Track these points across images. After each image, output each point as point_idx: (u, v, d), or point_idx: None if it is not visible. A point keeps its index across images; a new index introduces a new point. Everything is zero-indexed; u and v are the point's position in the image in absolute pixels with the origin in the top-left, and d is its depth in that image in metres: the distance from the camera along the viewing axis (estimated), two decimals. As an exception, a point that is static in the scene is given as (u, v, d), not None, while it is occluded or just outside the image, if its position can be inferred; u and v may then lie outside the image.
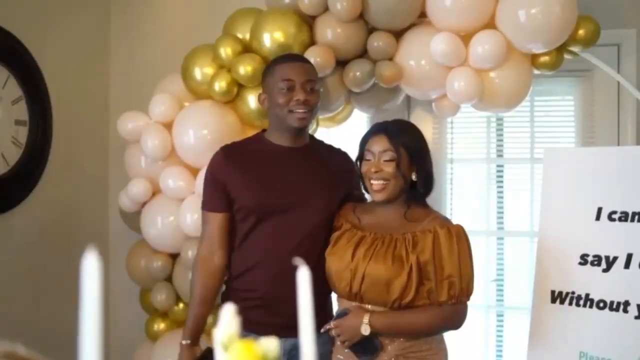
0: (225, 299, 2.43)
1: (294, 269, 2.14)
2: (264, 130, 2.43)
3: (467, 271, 2.06)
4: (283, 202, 2.27)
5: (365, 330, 2.05)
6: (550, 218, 2.45)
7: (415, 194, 2.16)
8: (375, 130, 2.18)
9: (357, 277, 2.09)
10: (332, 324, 2.13)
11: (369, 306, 2.11)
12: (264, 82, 2.35)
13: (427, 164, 2.16)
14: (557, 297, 2.39)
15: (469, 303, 2.12)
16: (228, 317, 0.78)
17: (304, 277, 0.84)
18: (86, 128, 3.40)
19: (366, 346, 2.09)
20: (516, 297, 3.37)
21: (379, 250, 2.09)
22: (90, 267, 0.65)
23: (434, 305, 2.06)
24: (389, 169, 2.10)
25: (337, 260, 2.16)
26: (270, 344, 0.77)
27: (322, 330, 2.08)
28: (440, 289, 2.04)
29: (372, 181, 2.13)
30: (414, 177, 2.14)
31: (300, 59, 2.37)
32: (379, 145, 2.13)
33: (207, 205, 2.36)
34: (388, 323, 2.07)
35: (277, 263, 2.24)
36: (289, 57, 2.36)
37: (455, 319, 2.11)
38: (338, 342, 2.16)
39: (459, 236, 2.07)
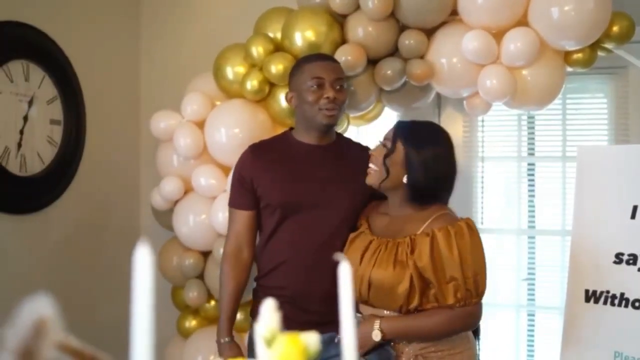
0: (255, 296, 2.45)
1: (321, 265, 2.17)
2: (291, 129, 2.45)
3: (473, 271, 1.98)
4: (309, 199, 2.28)
5: (377, 336, 2.02)
6: (584, 216, 2.43)
7: (414, 197, 2.10)
8: (396, 121, 2.19)
9: (364, 284, 2.08)
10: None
11: (385, 312, 2.10)
12: (292, 81, 2.36)
13: (420, 175, 2.06)
14: (592, 297, 2.37)
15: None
16: (269, 312, 0.79)
17: (345, 271, 0.84)
18: (118, 127, 3.44)
19: (380, 355, 2.08)
20: (548, 296, 3.35)
21: (382, 255, 2.07)
22: (142, 260, 0.66)
23: (443, 309, 2.01)
24: (378, 156, 2.10)
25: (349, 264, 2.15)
26: (311, 338, 0.77)
27: (335, 341, 2.08)
28: (446, 293, 1.98)
29: (370, 164, 2.16)
30: (404, 179, 2.08)
31: (328, 57, 2.38)
32: (386, 134, 2.14)
33: (234, 202, 2.38)
34: (398, 328, 2.05)
35: (305, 260, 2.26)
36: (317, 56, 2.38)
37: (468, 321, 2.05)
38: None
39: (460, 235, 1.99)
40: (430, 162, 2.06)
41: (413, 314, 2.04)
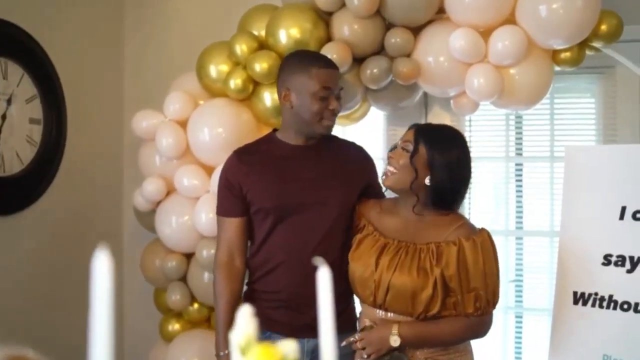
0: (247, 300, 2.39)
1: (315, 269, 2.11)
2: (274, 130, 2.41)
3: (493, 281, 2.02)
4: (301, 200, 2.24)
5: (395, 341, 2.01)
6: (572, 217, 2.39)
7: (436, 201, 2.08)
8: (412, 125, 2.16)
9: (382, 288, 2.05)
10: (356, 336, 2.09)
11: (391, 314, 2.08)
12: (292, 79, 2.24)
13: (443, 177, 2.04)
14: (580, 299, 2.34)
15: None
16: (245, 319, 0.75)
17: (324, 277, 0.80)
18: (100, 126, 3.38)
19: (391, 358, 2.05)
20: (535, 298, 3.32)
21: (403, 260, 2.04)
22: (102, 266, 0.62)
23: (460, 317, 2.02)
24: (402, 159, 2.07)
25: (360, 267, 2.12)
26: (290, 346, 0.74)
27: (343, 344, 2.04)
28: (467, 302, 2.00)
29: (386, 166, 2.13)
30: (427, 181, 2.05)
31: (333, 63, 2.32)
32: (406, 136, 2.11)
33: (223, 210, 2.34)
34: (416, 334, 2.03)
35: (300, 262, 2.22)
36: (325, 62, 2.29)
37: (482, 329, 2.08)
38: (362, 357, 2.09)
39: (484, 246, 2.01)
40: (454, 164, 2.06)
41: (431, 321, 2.03)
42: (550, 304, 3.12)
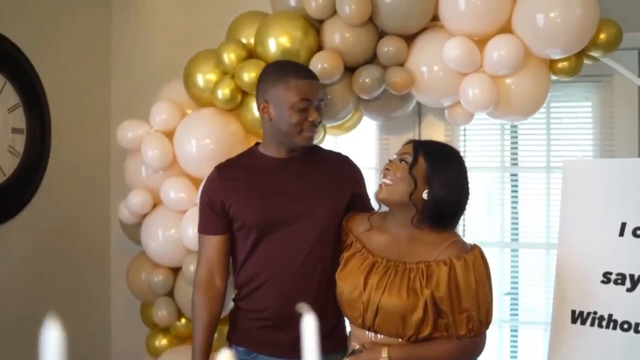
0: (233, 319, 2.34)
1: (304, 281, 2.06)
2: (256, 144, 2.34)
3: (486, 301, 1.96)
4: (285, 214, 2.18)
5: None
6: (570, 233, 2.32)
7: (423, 217, 2.01)
8: (408, 141, 2.11)
9: (371, 309, 1.98)
10: None
11: (380, 336, 2.00)
12: (270, 90, 2.19)
13: (442, 192, 1.98)
14: (578, 318, 2.26)
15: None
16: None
17: (309, 325, 0.74)
18: (86, 136, 3.30)
19: None
20: (531, 311, 3.26)
21: (392, 280, 1.97)
22: (51, 338, 0.54)
23: (452, 338, 1.96)
24: (400, 171, 2.00)
25: (348, 287, 2.05)
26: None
27: None
28: (459, 323, 1.93)
29: (382, 179, 2.05)
30: (424, 195, 1.99)
31: (312, 74, 2.26)
32: (404, 149, 2.06)
33: (205, 228, 2.27)
34: (407, 357, 1.97)
35: (286, 280, 2.17)
36: (304, 72, 2.23)
37: (475, 351, 2.01)
38: None
39: (476, 265, 1.94)
40: (453, 182, 2.01)
41: (422, 343, 1.97)
42: (547, 318, 3.10)
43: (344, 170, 2.34)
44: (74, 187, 3.20)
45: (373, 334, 2.01)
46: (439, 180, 1.98)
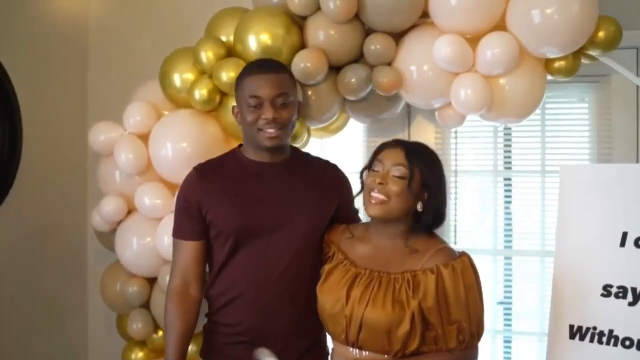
0: (207, 335, 2.20)
1: (282, 297, 1.92)
2: (240, 146, 2.21)
3: (477, 312, 1.85)
4: (266, 223, 2.05)
5: None
6: (567, 244, 2.20)
7: (419, 226, 1.93)
8: (394, 143, 1.98)
9: (354, 324, 1.86)
10: None
11: (366, 353, 1.88)
12: (236, 94, 2.14)
13: (440, 198, 1.93)
14: (577, 333, 2.14)
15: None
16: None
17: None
18: (61, 139, 3.16)
19: None
20: (526, 321, 3.16)
21: (376, 292, 1.85)
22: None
23: (442, 352, 1.85)
24: (396, 186, 1.88)
25: (330, 301, 1.93)
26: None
27: None
28: (449, 336, 1.83)
29: (373, 194, 1.91)
30: (419, 207, 1.90)
31: (269, 68, 2.10)
32: (394, 158, 1.92)
33: (180, 233, 2.13)
34: None
35: (262, 294, 2.05)
36: (256, 67, 2.11)
37: None
38: None
39: (466, 273, 1.84)
40: (444, 181, 1.96)
41: (410, 359, 1.86)
42: (542, 328, 3.01)
43: (331, 179, 2.21)
44: (47, 193, 3.06)
45: (358, 351, 1.90)
46: (435, 187, 1.92)
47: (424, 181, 1.89)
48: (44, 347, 3.02)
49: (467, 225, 3.16)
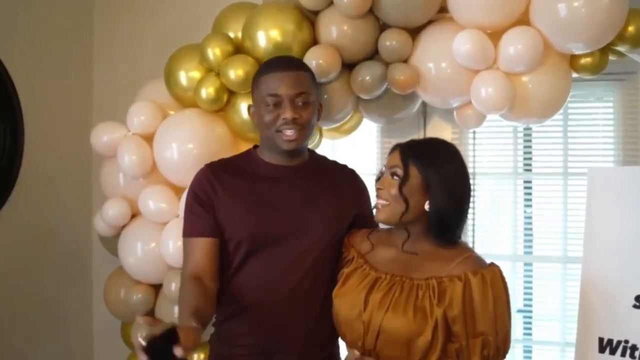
0: (214, 344, 2.09)
1: (297, 308, 1.77)
2: (255, 146, 2.09)
3: (504, 325, 1.73)
4: (281, 230, 1.94)
5: None
6: (596, 250, 2.09)
7: (441, 226, 1.80)
8: (394, 146, 1.88)
9: (372, 331, 1.76)
10: None
11: None
12: (253, 93, 2.03)
13: (444, 198, 1.78)
14: (607, 346, 2.03)
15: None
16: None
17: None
18: (65, 140, 3.07)
19: None
20: (546, 330, 3.05)
21: (397, 298, 1.75)
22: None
23: None
24: (393, 188, 1.79)
25: (347, 306, 1.83)
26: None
27: None
28: (472, 349, 1.71)
29: (377, 200, 1.85)
30: (427, 206, 1.79)
31: (289, 65, 1.99)
32: (391, 160, 1.85)
33: (191, 230, 1.97)
34: None
35: (274, 304, 1.94)
36: (275, 64, 2.00)
37: None
38: None
39: (495, 283, 1.72)
40: (452, 180, 1.81)
41: None
42: (563, 337, 2.90)
43: (349, 186, 2.10)
44: (50, 195, 2.98)
45: None
46: (438, 185, 1.78)
47: (424, 179, 1.78)
48: (47, 355, 2.94)
49: (485, 229, 3.06)
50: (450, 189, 1.79)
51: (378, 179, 1.88)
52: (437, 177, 1.78)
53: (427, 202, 1.78)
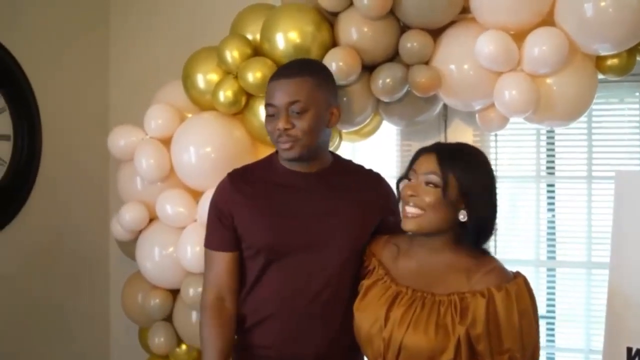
0: (236, 354, 2.05)
1: (317, 320, 1.71)
2: (277, 152, 2.05)
3: (532, 340, 1.67)
4: (301, 239, 1.90)
5: None
6: (624, 257, 2.04)
7: (467, 236, 1.74)
8: (428, 148, 1.81)
9: (392, 348, 1.71)
10: None
11: None
12: None
13: (483, 207, 1.74)
14: (635, 356, 1.99)
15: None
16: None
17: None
18: (82, 143, 3.05)
19: None
20: (570, 337, 2.98)
21: (419, 315, 1.70)
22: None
23: None
24: (429, 196, 1.71)
25: (368, 321, 1.78)
26: None
27: None
28: None
29: (406, 207, 1.75)
30: (461, 216, 1.72)
31: (287, 73, 1.92)
32: (425, 164, 1.75)
33: (212, 243, 1.98)
34: None
35: (295, 316, 1.91)
36: (277, 72, 1.97)
37: None
38: None
39: (520, 297, 1.66)
40: (489, 190, 1.77)
41: None
42: (587, 345, 2.85)
43: (375, 193, 2.03)
44: (67, 198, 2.96)
45: None
46: (477, 196, 1.72)
47: (462, 188, 1.71)
48: (60, 354, 2.93)
49: (507, 234, 3.00)
50: (488, 198, 1.75)
51: (400, 180, 1.83)
52: (476, 187, 1.73)
53: (462, 212, 1.72)
